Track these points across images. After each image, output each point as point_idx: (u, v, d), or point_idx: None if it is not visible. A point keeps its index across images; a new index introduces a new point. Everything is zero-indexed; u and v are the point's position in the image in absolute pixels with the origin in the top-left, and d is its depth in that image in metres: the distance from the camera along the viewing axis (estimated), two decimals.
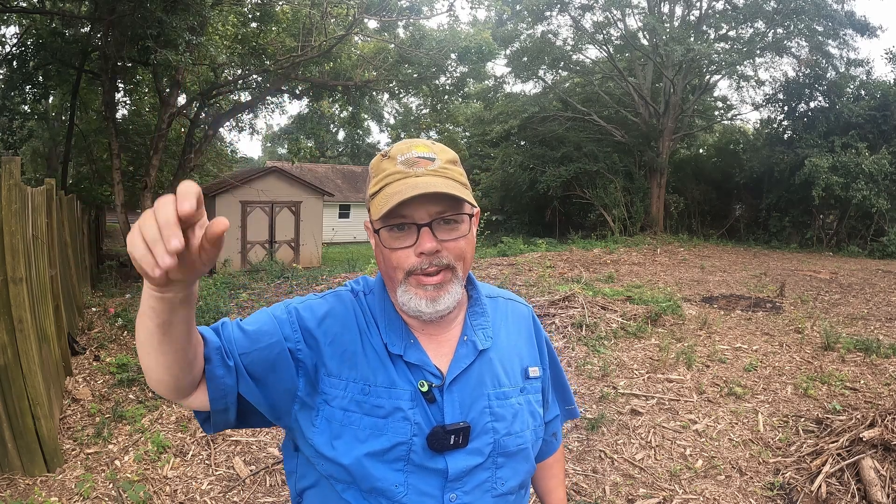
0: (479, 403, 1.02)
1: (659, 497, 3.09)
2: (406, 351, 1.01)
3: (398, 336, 1.02)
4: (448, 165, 0.99)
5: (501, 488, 1.04)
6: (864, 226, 17.91)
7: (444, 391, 1.00)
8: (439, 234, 0.96)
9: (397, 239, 0.96)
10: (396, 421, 0.97)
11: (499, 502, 1.04)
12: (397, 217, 0.94)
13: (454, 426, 0.98)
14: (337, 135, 41.18)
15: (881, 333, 6.53)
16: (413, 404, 0.98)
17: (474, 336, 1.06)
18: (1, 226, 3.04)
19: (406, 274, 0.96)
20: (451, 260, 0.97)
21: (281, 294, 8.38)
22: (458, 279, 0.99)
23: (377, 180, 0.98)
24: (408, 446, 0.97)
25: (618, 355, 5.39)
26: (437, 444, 0.97)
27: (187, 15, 10.29)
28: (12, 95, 14.29)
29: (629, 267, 12.61)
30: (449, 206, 0.96)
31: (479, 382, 1.03)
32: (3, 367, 3.03)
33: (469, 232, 0.99)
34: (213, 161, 18.29)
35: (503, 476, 1.04)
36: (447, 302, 0.98)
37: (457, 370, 1.02)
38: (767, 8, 18.03)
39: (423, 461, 0.98)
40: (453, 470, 0.99)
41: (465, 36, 16.02)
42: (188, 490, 3.09)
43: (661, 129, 20.66)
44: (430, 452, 0.98)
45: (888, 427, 3.24)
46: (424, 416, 0.98)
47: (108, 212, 21.18)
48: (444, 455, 0.99)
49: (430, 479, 0.99)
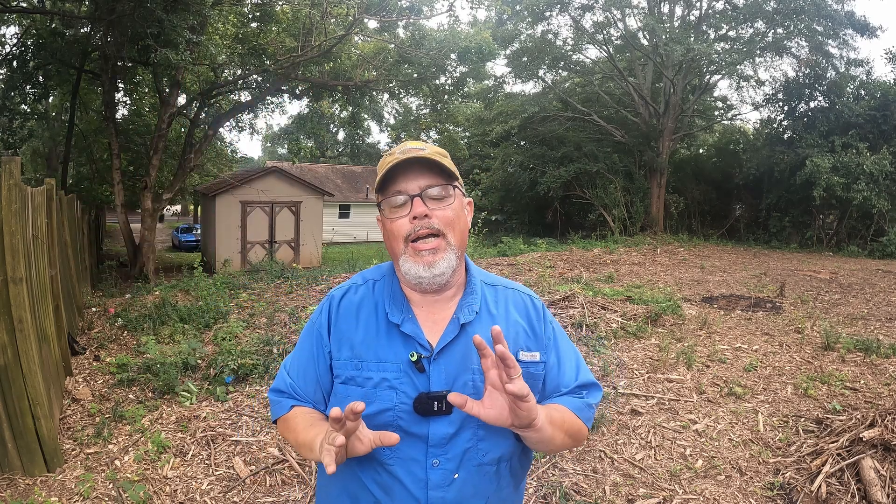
0: (464, 377, 1.13)
1: (659, 497, 3.09)
2: (403, 322, 1.15)
3: (399, 309, 1.17)
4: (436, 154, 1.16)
5: (483, 458, 1.14)
6: (864, 226, 17.91)
7: (432, 362, 1.12)
8: (429, 205, 1.13)
9: (394, 210, 1.14)
10: (383, 390, 1.12)
11: (481, 471, 1.14)
12: (393, 192, 1.14)
13: (437, 393, 1.10)
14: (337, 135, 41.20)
15: (881, 333, 6.53)
16: (399, 374, 1.12)
17: (460, 313, 1.17)
18: (1, 226, 3.04)
19: (405, 242, 1.13)
20: (441, 226, 1.12)
21: (281, 294, 8.38)
22: (451, 248, 1.14)
23: (384, 163, 1.16)
24: (394, 412, 1.11)
25: (618, 355, 5.39)
26: (422, 409, 1.10)
27: (187, 14, 10.29)
28: (12, 95, 14.30)
29: (629, 267, 12.61)
30: (436, 180, 1.14)
31: (465, 357, 1.14)
32: (3, 367, 3.03)
33: (455, 202, 1.16)
34: (213, 161, 18.29)
35: (484, 447, 1.14)
36: (442, 267, 1.12)
37: (443, 343, 1.14)
38: (767, 8, 18.03)
39: (409, 426, 1.10)
40: (434, 436, 1.11)
41: (465, 36, 16.02)
42: (188, 490, 3.09)
43: (661, 129, 20.65)
44: (416, 417, 1.10)
45: (888, 427, 3.24)
46: (412, 384, 1.11)
47: (108, 212, 21.22)
48: (429, 421, 1.11)
49: (415, 444, 1.11)
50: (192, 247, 24.10)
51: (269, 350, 5.16)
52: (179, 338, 5.87)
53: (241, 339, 5.74)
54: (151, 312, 6.87)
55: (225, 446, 3.57)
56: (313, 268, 14.47)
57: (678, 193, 21.88)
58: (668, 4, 20.93)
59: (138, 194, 14.65)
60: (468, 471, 1.12)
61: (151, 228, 13.59)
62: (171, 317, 6.67)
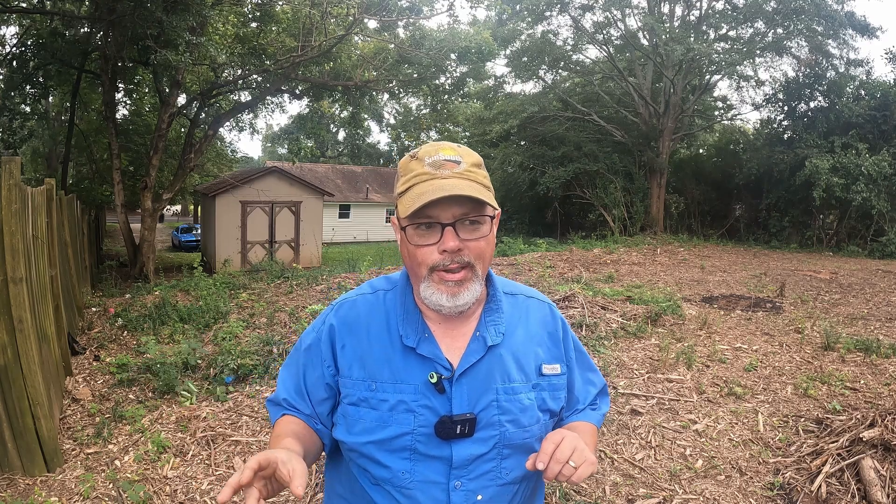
0: (487, 397, 1.07)
1: (659, 497, 3.09)
2: (419, 344, 1.08)
3: (413, 329, 1.09)
4: (473, 168, 1.05)
5: (506, 478, 1.09)
6: (864, 226, 17.91)
7: (454, 383, 1.06)
8: (461, 234, 1.02)
9: (422, 237, 1.03)
10: (400, 413, 1.05)
11: (503, 491, 1.09)
12: (423, 216, 1.01)
13: (461, 416, 1.04)
14: (337, 135, 41.21)
15: (881, 333, 6.53)
16: (417, 396, 1.05)
17: (486, 332, 1.11)
18: (1, 226, 3.04)
19: (429, 270, 1.03)
20: (471, 258, 1.03)
21: (281, 294, 8.38)
22: (477, 277, 1.06)
23: (405, 180, 1.04)
24: (412, 437, 1.05)
25: (618, 355, 5.39)
26: (444, 433, 1.04)
27: (187, 15, 10.29)
28: (12, 95, 14.32)
29: (629, 267, 12.61)
30: (472, 208, 1.02)
31: (488, 377, 1.08)
32: (3, 367, 3.03)
33: (490, 233, 1.06)
34: (213, 161, 18.30)
35: (508, 466, 1.09)
36: (466, 298, 1.04)
37: (466, 364, 1.07)
38: (767, 8, 18.03)
39: (429, 450, 1.05)
40: (457, 458, 1.05)
41: (465, 36, 16.01)
42: (188, 490, 3.09)
43: (661, 129, 20.65)
44: (437, 441, 1.05)
45: (888, 427, 3.24)
46: (431, 406, 1.05)
47: (108, 212, 21.20)
48: (451, 443, 1.05)
49: (436, 467, 1.06)
50: (192, 247, 24.10)
51: (269, 350, 5.16)
52: (179, 338, 5.87)
53: (241, 339, 5.74)
54: (151, 312, 6.87)
55: (225, 446, 3.57)
56: (313, 268, 14.47)
57: (678, 193, 21.88)
58: (668, 4, 20.93)
59: (138, 194, 14.64)
60: (491, 491, 1.08)
61: (151, 228, 13.59)
62: (171, 317, 6.67)
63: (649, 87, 21.94)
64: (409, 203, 1.00)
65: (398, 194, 1.05)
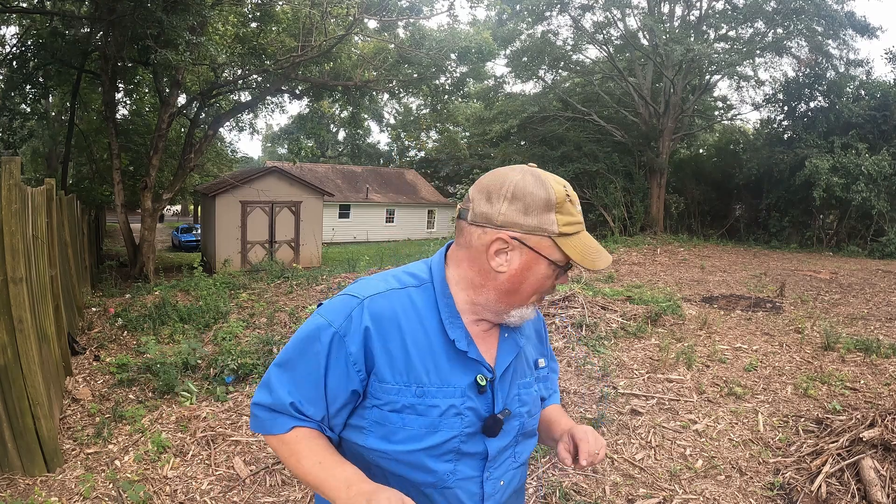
0: (513, 391, 1.17)
1: (659, 497, 3.09)
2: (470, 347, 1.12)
3: (462, 334, 1.11)
4: None
5: (519, 461, 1.21)
6: (864, 226, 17.91)
7: (497, 383, 1.14)
8: None
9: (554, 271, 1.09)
10: (449, 417, 1.08)
11: (516, 473, 1.21)
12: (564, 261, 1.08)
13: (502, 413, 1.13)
14: (337, 135, 41.19)
15: (881, 333, 6.53)
16: (464, 399, 1.09)
17: (514, 334, 1.19)
18: (1, 226, 3.04)
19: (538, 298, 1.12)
20: None
21: (281, 294, 8.38)
22: None
23: (568, 222, 1.06)
24: (459, 438, 1.09)
25: (618, 355, 5.39)
26: (491, 431, 1.10)
27: (187, 15, 10.29)
28: (12, 95, 14.31)
29: (629, 267, 12.61)
30: None
31: (514, 373, 1.18)
32: (3, 367, 3.03)
33: None
34: (213, 161, 18.30)
35: (519, 451, 1.20)
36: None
37: (504, 364, 1.15)
38: (767, 8, 18.03)
39: (469, 448, 1.11)
40: (492, 451, 1.13)
41: (465, 36, 16.02)
42: (188, 490, 3.09)
43: (661, 129, 20.66)
44: (476, 439, 1.11)
45: (888, 427, 3.24)
46: (475, 407, 1.10)
47: (108, 212, 21.20)
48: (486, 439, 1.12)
49: (474, 463, 1.12)
50: (192, 247, 24.09)
51: (269, 350, 5.16)
52: (179, 338, 5.87)
53: (241, 339, 5.74)
54: (151, 312, 6.87)
55: (225, 446, 3.57)
56: (313, 268, 14.48)
57: (678, 193, 21.88)
58: (668, 4, 20.94)
59: (138, 194, 14.64)
60: (510, 475, 1.19)
61: (151, 228, 13.59)
62: (171, 317, 6.67)
63: (649, 87, 21.94)
64: (584, 252, 1.06)
65: (562, 234, 1.05)
